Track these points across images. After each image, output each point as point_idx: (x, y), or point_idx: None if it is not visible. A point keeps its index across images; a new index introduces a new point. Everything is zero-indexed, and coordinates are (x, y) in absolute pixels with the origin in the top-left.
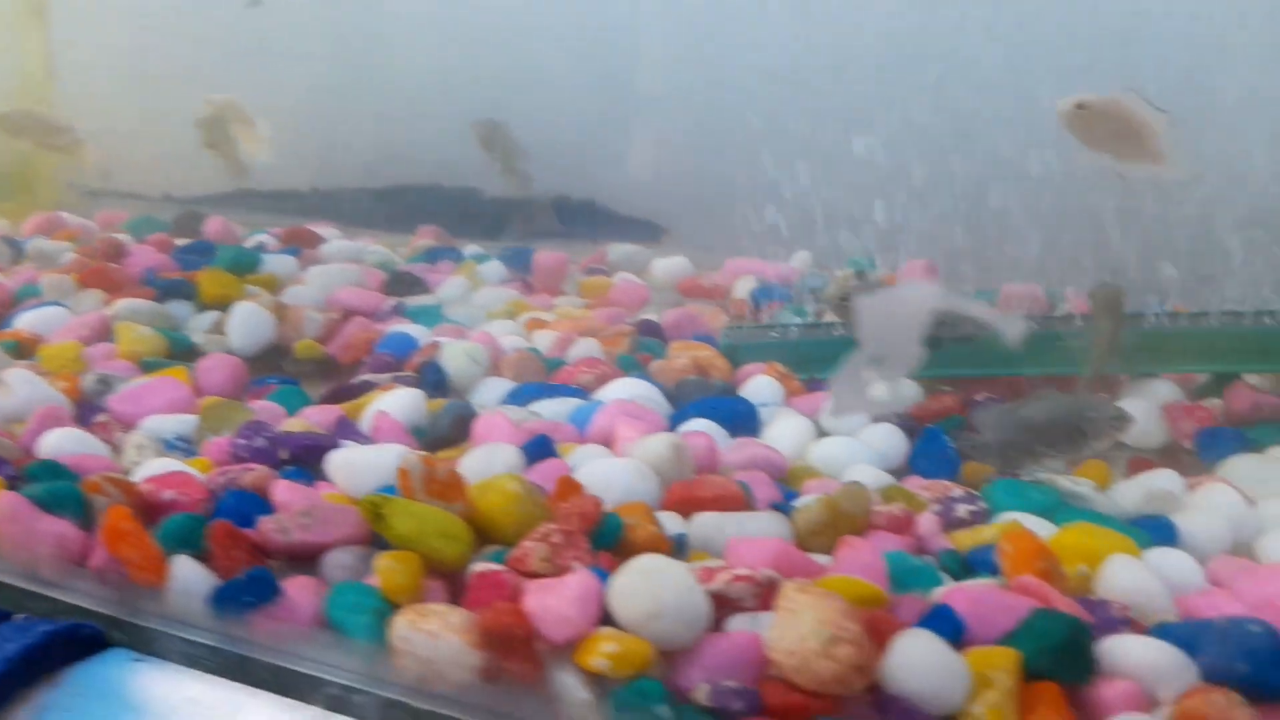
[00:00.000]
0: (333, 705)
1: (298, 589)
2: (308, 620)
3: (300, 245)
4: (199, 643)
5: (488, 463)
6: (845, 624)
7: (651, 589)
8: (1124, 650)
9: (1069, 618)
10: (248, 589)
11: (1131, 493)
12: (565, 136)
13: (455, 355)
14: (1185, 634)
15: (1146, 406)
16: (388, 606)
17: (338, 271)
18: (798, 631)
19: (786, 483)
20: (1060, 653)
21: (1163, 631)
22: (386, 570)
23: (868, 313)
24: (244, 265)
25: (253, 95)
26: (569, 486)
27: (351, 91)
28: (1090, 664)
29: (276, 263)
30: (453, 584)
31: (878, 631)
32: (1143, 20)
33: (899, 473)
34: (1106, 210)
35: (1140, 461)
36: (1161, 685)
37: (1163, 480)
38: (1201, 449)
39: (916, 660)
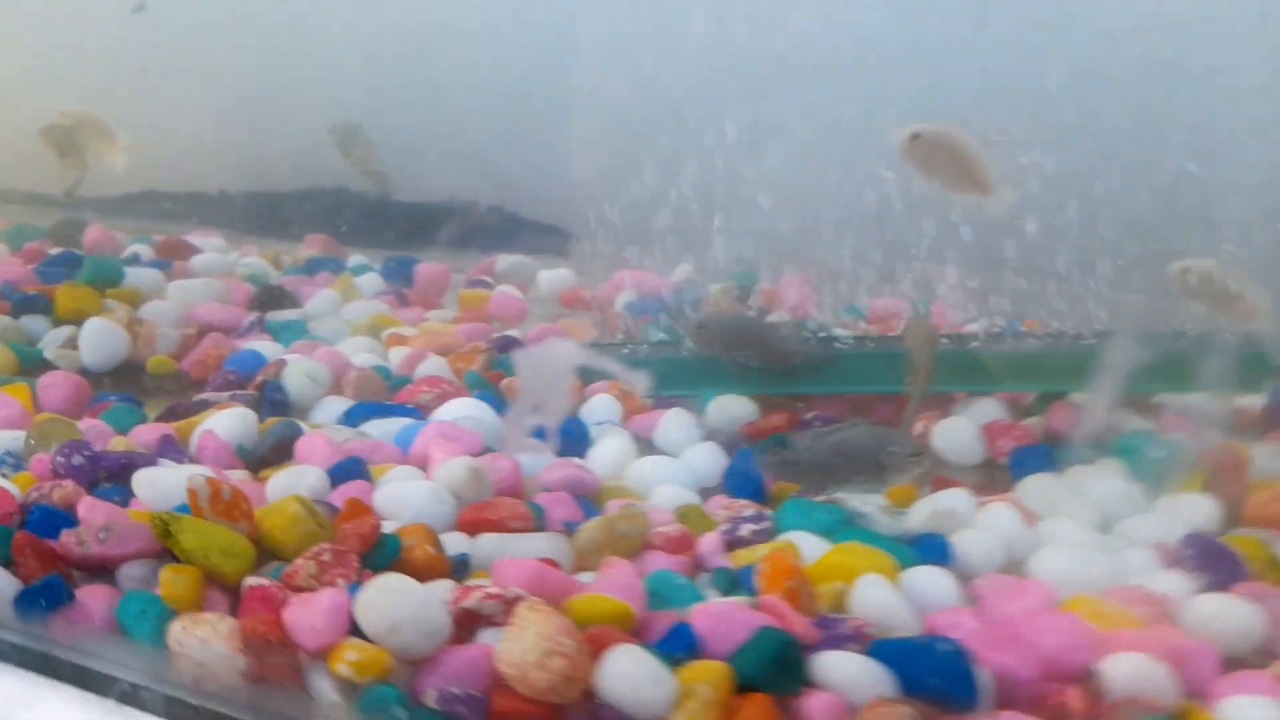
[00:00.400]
0: (124, 699)
1: (93, 596)
2: (102, 624)
3: (173, 257)
4: (6, 640)
5: (292, 484)
6: (562, 639)
7: (391, 604)
8: (831, 665)
9: (783, 635)
10: (43, 595)
11: (922, 512)
12: (477, 140)
13: (295, 374)
14: (892, 651)
15: (969, 425)
16: (169, 613)
17: (200, 286)
18: (521, 645)
19: (597, 501)
20: (772, 667)
21: (875, 648)
22: (168, 581)
23: (523, 366)
24: (106, 279)
25: (169, 96)
26: (355, 509)
27: (269, 94)
28: (800, 677)
29: (142, 276)
30: (233, 596)
31: (599, 646)
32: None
33: (712, 491)
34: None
35: (943, 480)
36: (860, 697)
37: (950, 500)
38: (1013, 467)
39: (624, 673)
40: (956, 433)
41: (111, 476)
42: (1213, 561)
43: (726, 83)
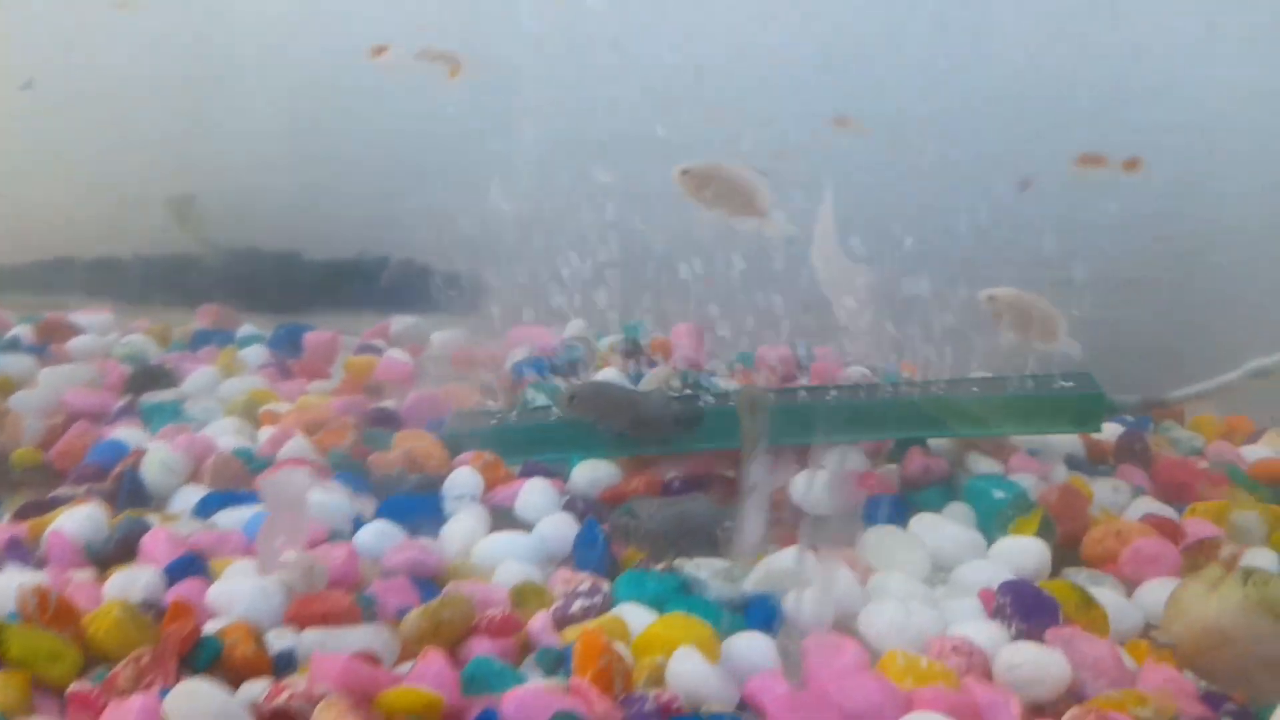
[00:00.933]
0: None
1: None
2: None
3: (51, 339)
4: None
5: (126, 585)
6: None
7: (191, 709)
8: None
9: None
10: None
11: (759, 574)
12: (389, 190)
13: (151, 464)
14: None
15: (825, 475)
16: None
17: (68, 372)
18: None
19: (441, 581)
20: None
21: None
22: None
23: (266, 491)
24: None
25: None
26: (178, 610)
27: (190, 148)
28: None
29: (13, 363)
30: (62, 700)
31: None
32: None
33: (561, 563)
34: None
35: (789, 537)
36: None
37: (783, 560)
38: (865, 517)
39: None
40: (814, 484)
41: None
42: (1026, 608)
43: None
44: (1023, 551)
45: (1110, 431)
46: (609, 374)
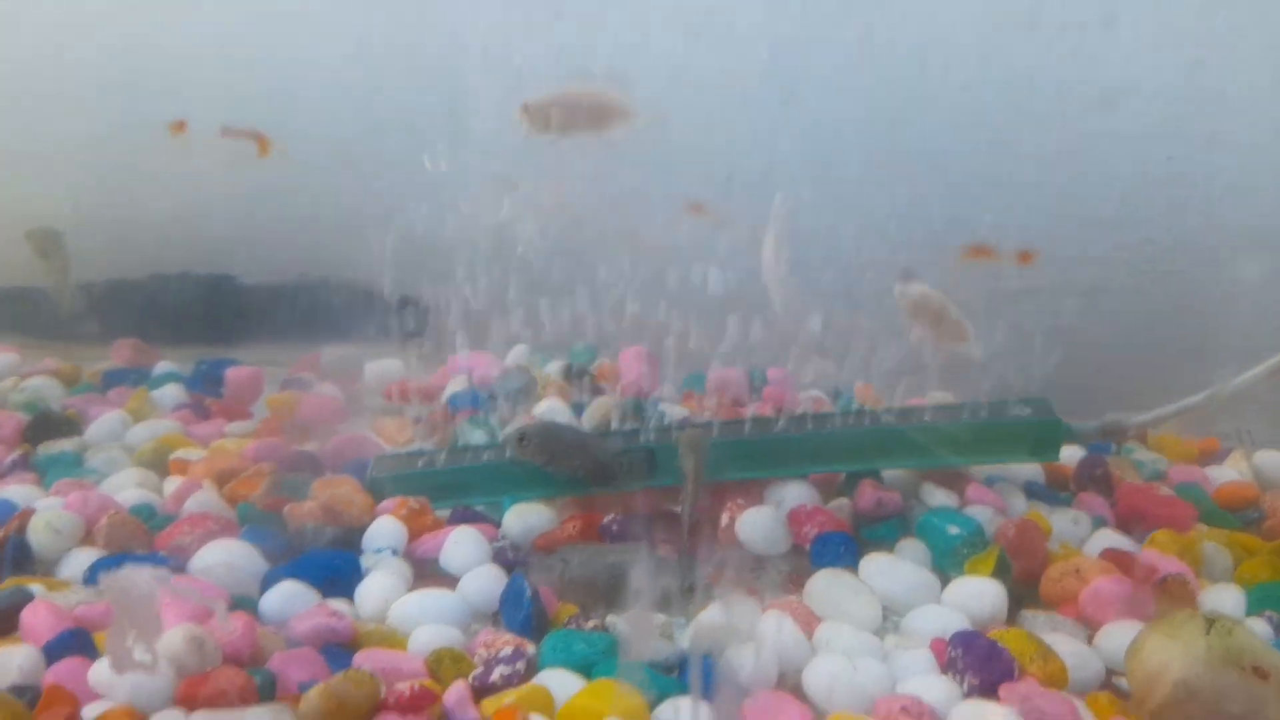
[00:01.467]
0: None
1: None
2: None
3: None
4: None
5: (1, 666)
6: None
7: None
8: None
9: None
10: None
11: (696, 629)
12: (330, 209)
13: (39, 525)
14: None
15: (773, 514)
16: None
17: None
18: None
19: (354, 649)
20: None
21: None
22: None
23: (110, 593)
24: None
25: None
26: (55, 696)
27: (123, 172)
28: None
29: None
30: None
31: None
32: None
33: (488, 620)
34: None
35: (730, 584)
36: None
37: (716, 614)
38: (814, 556)
39: None
40: (760, 522)
41: None
42: (979, 661)
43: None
44: (978, 595)
45: (1070, 455)
46: (551, 405)
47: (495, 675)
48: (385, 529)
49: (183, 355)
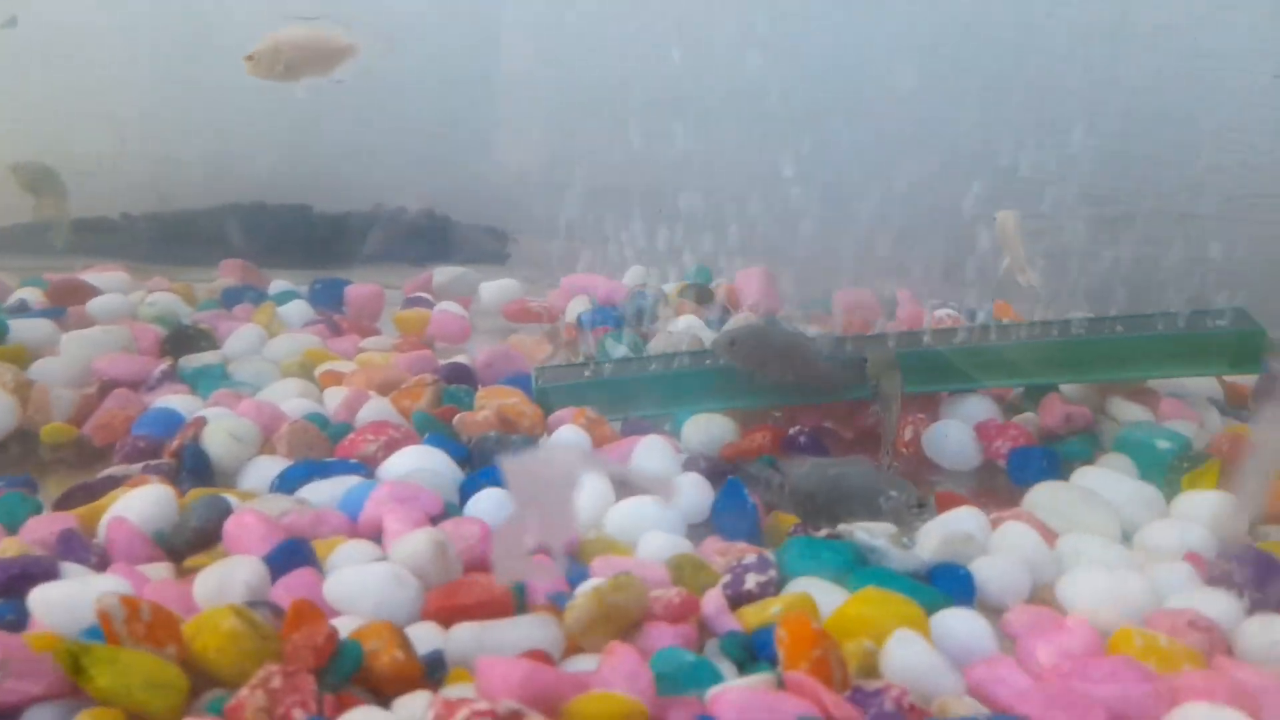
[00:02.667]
0: None
1: None
2: None
3: (67, 302)
4: None
5: (223, 582)
6: None
7: None
8: None
9: None
10: None
11: (931, 539)
12: (401, 139)
13: (217, 434)
14: None
15: (961, 428)
16: None
17: (98, 335)
18: None
19: (579, 559)
20: None
21: None
22: None
23: (514, 478)
24: None
25: (60, 110)
26: (303, 612)
27: (170, 102)
28: None
29: (29, 329)
30: None
31: None
32: None
33: (702, 531)
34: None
35: (948, 497)
36: None
37: (962, 521)
38: (1013, 470)
39: None
40: (949, 437)
41: (3, 591)
42: (1260, 575)
43: (662, 66)
44: (1211, 508)
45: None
46: (687, 322)
47: (749, 583)
48: (568, 438)
49: (287, 276)
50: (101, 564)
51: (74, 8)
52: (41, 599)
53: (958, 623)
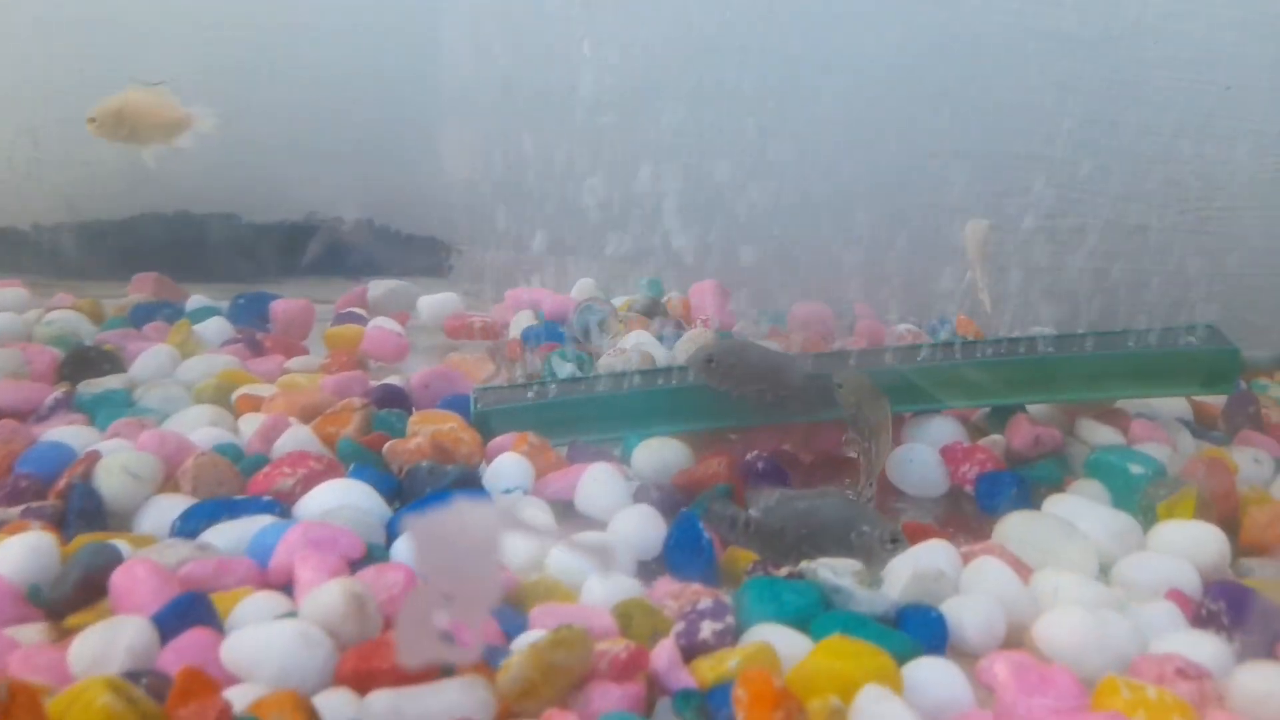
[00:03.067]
0: None
1: None
2: None
3: None
4: None
5: (103, 649)
6: None
7: None
8: None
9: None
10: None
11: (900, 576)
12: (341, 146)
13: (111, 471)
14: None
15: (927, 452)
16: None
17: None
18: None
19: (518, 606)
20: None
21: None
22: None
23: (421, 543)
24: None
25: None
26: (192, 682)
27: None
28: None
29: None
30: None
31: None
32: None
33: (653, 568)
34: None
35: (916, 527)
36: None
37: (932, 555)
38: (981, 497)
39: None
40: (914, 462)
41: None
42: (1247, 616)
43: (610, 71)
44: (1195, 541)
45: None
46: (640, 337)
47: (705, 632)
48: (509, 467)
49: (204, 291)
50: None
51: None
52: None
53: (932, 674)
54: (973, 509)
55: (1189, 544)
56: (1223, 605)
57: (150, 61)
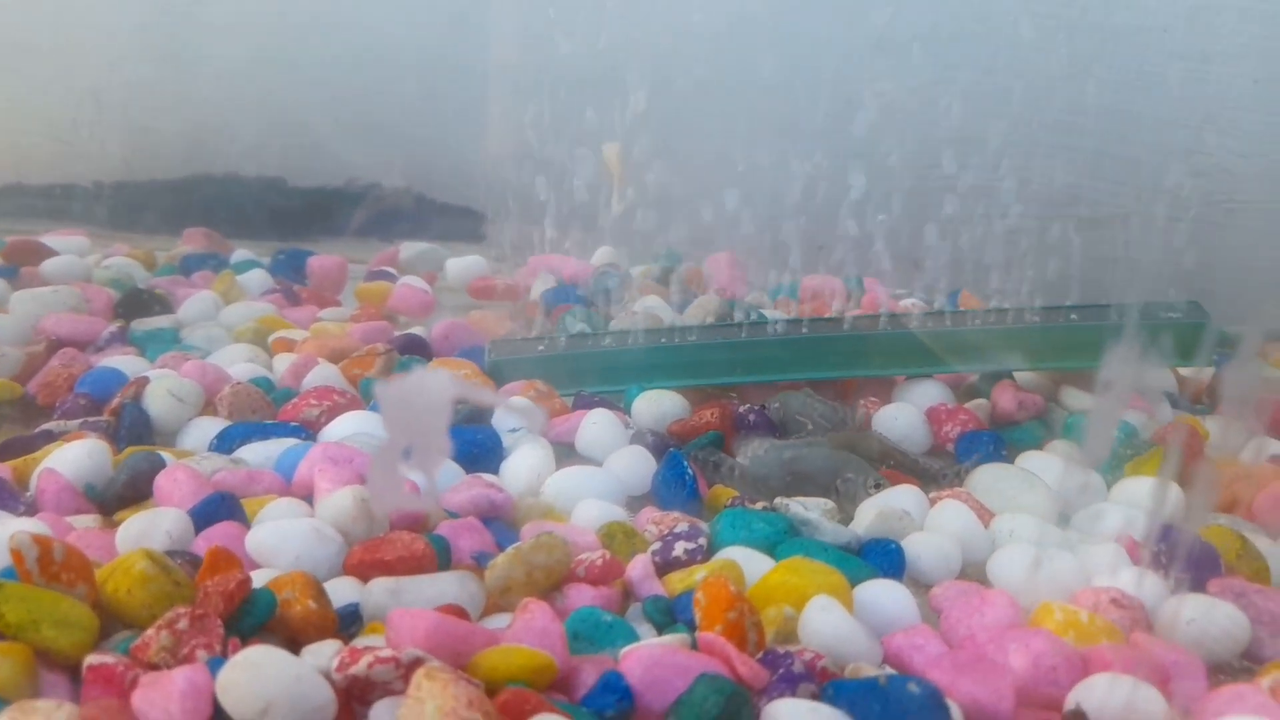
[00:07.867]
0: None
1: None
2: None
3: (21, 263)
4: None
5: (145, 531)
6: (467, 713)
7: (258, 683)
8: (783, 716)
9: (727, 685)
10: None
11: (867, 514)
12: (379, 117)
13: (158, 393)
14: (852, 693)
15: (911, 411)
16: None
17: (48, 295)
18: None
19: (513, 524)
20: None
21: (835, 691)
22: None
23: (388, 403)
24: None
25: (36, 77)
26: (218, 559)
27: (149, 74)
28: None
29: None
30: (74, 677)
31: (515, 715)
32: None
33: (641, 500)
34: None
35: (893, 475)
36: None
37: (901, 498)
38: (960, 454)
39: None
40: (900, 420)
41: None
42: (1183, 555)
43: (644, 52)
44: (1152, 495)
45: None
46: (650, 303)
47: (678, 550)
48: (519, 409)
49: (250, 247)
50: (30, 513)
51: None
52: None
53: (881, 593)
54: (952, 465)
55: (1145, 497)
56: (1164, 547)
57: (203, 36)
